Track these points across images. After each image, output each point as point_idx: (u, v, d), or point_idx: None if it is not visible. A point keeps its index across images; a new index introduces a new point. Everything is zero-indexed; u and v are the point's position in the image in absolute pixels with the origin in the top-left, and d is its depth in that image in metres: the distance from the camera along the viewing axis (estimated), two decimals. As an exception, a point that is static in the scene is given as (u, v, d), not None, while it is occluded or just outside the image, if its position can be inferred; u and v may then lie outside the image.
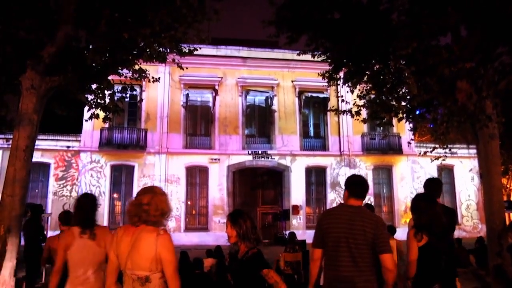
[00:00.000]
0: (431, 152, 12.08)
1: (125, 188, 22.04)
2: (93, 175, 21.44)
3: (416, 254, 3.43)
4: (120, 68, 9.83)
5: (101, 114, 10.89)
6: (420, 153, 14.63)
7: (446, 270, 3.53)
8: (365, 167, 24.00)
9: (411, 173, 24.40)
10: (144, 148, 21.93)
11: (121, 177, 22.14)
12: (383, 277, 3.12)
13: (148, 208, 2.62)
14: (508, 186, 21.75)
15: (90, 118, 10.80)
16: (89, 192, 5.25)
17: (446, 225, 3.56)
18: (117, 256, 2.64)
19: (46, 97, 8.09)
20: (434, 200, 3.74)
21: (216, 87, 23.29)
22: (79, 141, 21.68)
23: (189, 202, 22.60)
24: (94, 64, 8.75)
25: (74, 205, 3.74)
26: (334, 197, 23.38)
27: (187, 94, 22.80)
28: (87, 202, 3.71)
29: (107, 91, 10.66)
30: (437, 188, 4.42)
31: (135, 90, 16.15)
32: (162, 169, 21.97)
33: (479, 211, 24.32)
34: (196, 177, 22.90)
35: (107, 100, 11.37)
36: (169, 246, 2.59)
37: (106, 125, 20.09)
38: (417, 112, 10.80)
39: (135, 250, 2.56)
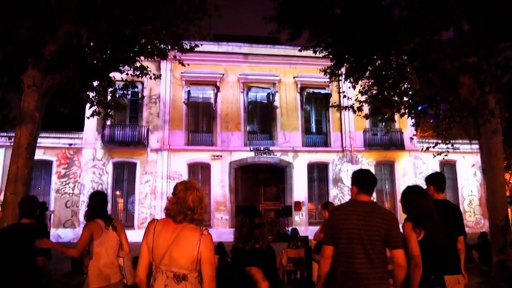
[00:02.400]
0: (433, 147, 12.05)
1: (127, 185, 22.05)
2: (95, 172, 21.43)
3: (416, 243, 3.39)
4: (121, 65, 9.84)
5: (103, 111, 10.93)
6: (422, 148, 14.58)
7: (442, 264, 3.53)
8: (367, 163, 23.93)
9: (413, 169, 24.33)
10: (146, 145, 21.92)
11: (123, 174, 22.12)
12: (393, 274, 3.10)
13: (193, 206, 2.57)
14: (510, 181, 21.68)
15: (92, 115, 10.83)
16: (99, 190, 5.31)
17: (437, 219, 3.50)
18: (152, 250, 2.55)
19: (48, 95, 8.09)
20: (424, 193, 3.70)
21: (218, 83, 23.24)
22: (81, 138, 21.68)
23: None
24: (95, 62, 8.74)
25: (88, 202, 4.32)
26: (336, 193, 23.34)
27: (189, 91, 22.75)
28: (101, 199, 4.34)
29: (109, 88, 10.70)
30: (440, 183, 4.35)
31: (137, 87, 16.09)
32: (164, 166, 21.95)
33: (482, 206, 24.29)
34: (198, 174, 22.81)
35: (109, 98, 11.43)
36: (211, 247, 2.55)
37: (108, 123, 20.10)
38: (419, 108, 10.80)
39: (176, 247, 2.51)
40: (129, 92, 12.23)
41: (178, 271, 2.50)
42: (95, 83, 10.12)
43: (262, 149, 23.13)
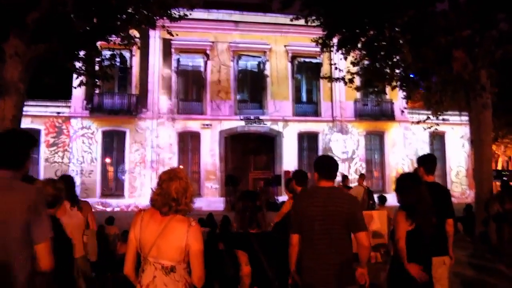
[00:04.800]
0: (424, 121, 12.06)
1: (117, 154, 21.93)
2: (84, 141, 21.23)
3: (404, 234, 3.41)
4: (108, 35, 9.59)
5: (90, 81, 10.73)
6: (413, 122, 14.58)
7: (428, 253, 3.57)
8: (357, 133, 24.04)
9: (403, 140, 24.47)
10: (135, 114, 21.74)
11: (112, 143, 22.02)
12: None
13: (177, 197, 2.52)
14: (496, 152, 21.94)
15: (79, 85, 10.61)
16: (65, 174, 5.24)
17: (432, 206, 3.50)
18: (139, 241, 2.53)
19: (32, 65, 7.85)
20: (419, 180, 3.70)
21: (208, 51, 22.89)
22: (69, 107, 21.36)
23: (181, 167, 22.48)
24: (81, 31, 8.46)
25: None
26: (325, 163, 23.35)
27: (178, 59, 22.47)
28: (67, 183, 4.25)
29: (96, 58, 10.45)
30: (430, 164, 4.38)
31: (125, 57, 15.79)
32: (153, 135, 21.82)
33: (469, 177, 24.59)
34: (188, 143, 22.81)
35: (96, 67, 11.20)
36: (199, 238, 2.53)
37: (97, 91, 19.68)
38: (411, 76, 10.70)
39: (163, 239, 2.49)
40: (117, 61, 12.00)
41: (166, 263, 2.48)
42: (82, 53, 9.84)
43: (252, 118, 23.07)
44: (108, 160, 22.08)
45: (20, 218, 2.14)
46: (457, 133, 25.39)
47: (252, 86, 23.97)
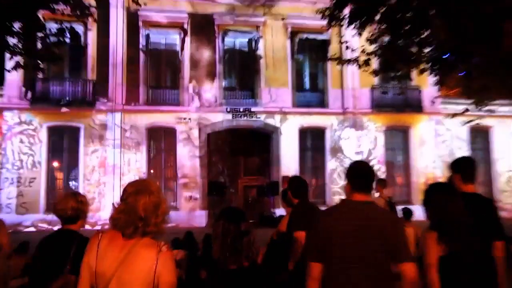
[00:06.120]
0: (462, 114, 11.94)
1: (68, 156, 21.72)
2: (23, 140, 20.89)
3: (436, 261, 3.41)
4: (53, 2, 9.40)
5: (30, 62, 10.60)
6: (447, 115, 14.44)
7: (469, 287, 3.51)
8: (374, 129, 23.96)
9: (434, 137, 24.29)
10: (93, 104, 21.45)
11: (62, 142, 21.75)
12: None
13: (145, 215, 2.51)
14: None
15: (15, 68, 10.47)
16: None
17: (472, 225, 3.47)
18: (95, 273, 2.50)
19: None
20: (454, 191, 3.72)
21: (185, 26, 22.73)
22: (2, 95, 21.05)
23: (152, 172, 22.45)
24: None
25: None
26: (335, 166, 23.38)
27: (148, 35, 22.33)
28: None
29: (37, 33, 10.30)
30: (469, 170, 4.25)
31: (77, 32, 15.67)
32: (116, 131, 21.59)
33: (524, 185, 24.57)
34: (161, 141, 22.81)
35: (39, 45, 11.01)
36: (172, 267, 2.54)
37: (40, 75, 19.45)
38: (445, 56, 10.64)
39: (126, 269, 2.47)
40: (67, 37, 11.88)
41: None
42: (17, 26, 9.68)
43: (241, 110, 23.00)
44: (56, 164, 21.84)
45: None
46: (507, 128, 25.12)
47: (241, 70, 24.04)
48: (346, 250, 3.12)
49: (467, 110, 11.46)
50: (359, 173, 3.40)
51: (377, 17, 10.36)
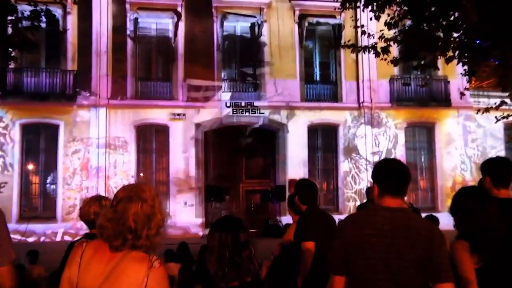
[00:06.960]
0: (496, 108, 11.81)
1: (45, 157, 21.74)
2: (-8, 139, 21.08)
3: (474, 275, 3.31)
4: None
5: None
6: (479, 109, 14.34)
7: None
8: (394, 125, 24.01)
9: (463, 134, 24.37)
10: (73, 99, 21.50)
11: (38, 142, 21.82)
12: None
13: (136, 227, 2.49)
14: None
15: None
16: None
17: (506, 236, 3.41)
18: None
19: None
20: (486, 197, 3.64)
21: (179, 8, 22.77)
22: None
23: (141, 175, 22.51)
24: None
25: None
26: (349, 168, 23.49)
27: (136, 19, 22.30)
28: None
29: (8, 16, 10.31)
30: (503, 173, 4.18)
31: (55, 15, 15.62)
32: (101, 129, 21.64)
33: None
34: (152, 141, 22.93)
35: (9, 30, 11.03)
36: (164, 285, 2.52)
37: (11, 65, 19.40)
38: (477, 42, 10.61)
39: (111, 285, 2.46)
40: (43, 21, 11.91)
41: None
42: None
43: (243, 104, 23.03)
44: (31, 167, 21.88)
45: None
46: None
47: (243, 59, 24.12)
48: (373, 264, 3.07)
49: (502, 103, 11.36)
50: (391, 172, 3.26)
51: (398, -2, 10.41)
